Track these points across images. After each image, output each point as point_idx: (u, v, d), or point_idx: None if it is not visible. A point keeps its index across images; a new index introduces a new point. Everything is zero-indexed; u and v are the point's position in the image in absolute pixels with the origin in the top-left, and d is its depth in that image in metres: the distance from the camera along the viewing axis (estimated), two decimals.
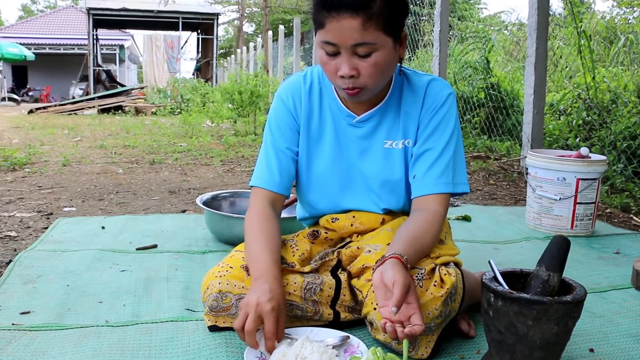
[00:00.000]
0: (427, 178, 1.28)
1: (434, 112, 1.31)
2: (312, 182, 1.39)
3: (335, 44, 1.14)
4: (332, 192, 1.38)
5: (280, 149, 1.36)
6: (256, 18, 29.96)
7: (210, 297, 1.23)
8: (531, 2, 3.50)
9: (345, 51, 1.15)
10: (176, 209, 2.72)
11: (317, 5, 1.15)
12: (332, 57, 1.17)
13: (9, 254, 1.92)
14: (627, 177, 3.30)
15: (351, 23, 1.11)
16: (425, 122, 1.31)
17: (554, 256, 1.10)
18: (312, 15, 1.19)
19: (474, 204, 2.92)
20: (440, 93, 1.31)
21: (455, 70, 5.92)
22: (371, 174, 1.34)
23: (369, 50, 1.14)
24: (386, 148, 1.33)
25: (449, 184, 1.29)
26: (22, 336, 1.26)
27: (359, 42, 1.13)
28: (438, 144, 1.30)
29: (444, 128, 1.30)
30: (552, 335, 1.03)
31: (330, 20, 1.13)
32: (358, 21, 1.11)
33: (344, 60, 1.16)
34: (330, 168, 1.36)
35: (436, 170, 1.28)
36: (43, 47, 23.02)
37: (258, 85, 7.32)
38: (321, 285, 1.27)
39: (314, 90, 1.37)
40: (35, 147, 5.19)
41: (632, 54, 5.32)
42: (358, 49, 1.14)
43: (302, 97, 1.36)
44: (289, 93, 1.38)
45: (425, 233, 1.22)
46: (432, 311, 1.13)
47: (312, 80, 1.38)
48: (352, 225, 1.38)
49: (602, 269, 1.85)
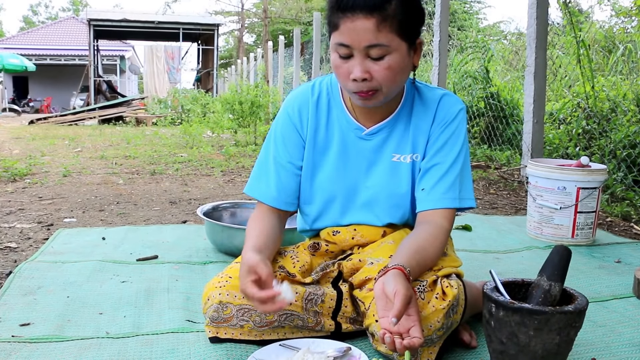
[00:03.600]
0: (434, 192, 1.27)
1: (445, 126, 1.30)
2: (314, 193, 1.37)
3: (349, 45, 1.14)
4: (334, 205, 1.37)
5: (281, 163, 1.35)
6: (256, 28, 30.11)
7: (211, 308, 1.23)
8: (530, 12, 3.52)
9: (359, 53, 1.14)
10: (177, 220, 2.72)
11: (332, 6, 1.16)
12: (345, 60, 1.16)
13: (9, 265, 1.92)
14: (627, 185, 3.30)
15: (365, 24, 1.11)
16: (435, 137, 1.30)
17: (555, 266, 1.10)
18: (327, 17, 1.19)
19: (474, 214, 2.91)
20: (452, 108, 1.31)
21: (455, 80, 5.94)
22: (376, 188, 1.33)
23: (382, 53, 1.14)
24: (394, 162, 1.32)
25: (455, 199, 1.28)
26: (22, 348, 1.26)
27: (373, 44, 1.12)
28: (447, 158, 1.29)
29: (454, 143, 1.30)
30: (554, 345, 1.03)
31: (345, 21, 1.13)
32: (372, 22, 1.11)
33: (356, 62, 1.15)
34: (334, 180, 1.35)
35: (443, 185, 1.28)
36: (44, 58, 23.13)
37: (258, 96, 7.34)
38: (322, 297, 1.26)
39: (322, 101, 1.35)
40: (36, 158, 5.20)
41: (630, 63, 5.34)
42: (371, 50, 1.13)
43: (310, 109, 1.35)
44: (296, 106, 1.36)
45: (429, 246, 1.21)
46: (434, 323, 1.12)
47: (321, 91, 1.36)
48: (353, 238, 1.38)
49: (603, 278, 1.85)
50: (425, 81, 6.25)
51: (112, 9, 33.42)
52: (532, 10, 3.49)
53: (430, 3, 7.12)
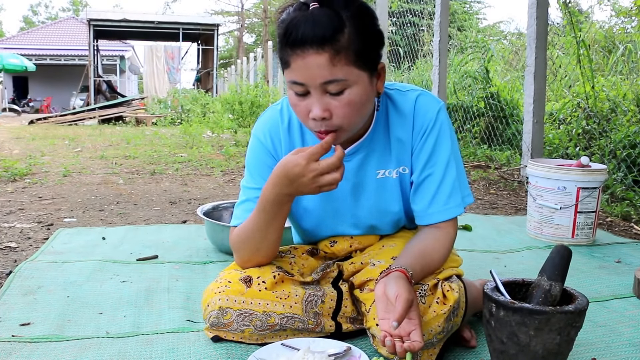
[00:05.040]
0: (435, 205, 1.22)
1: (427, 134, 1.22)
2: (302, 219, 1.36)
3: (303, 83, 1.05)
4: (324, 226, 1.35)
5: None
6: (256, 29, 30.13)
7: (212, 315, 1.22)
8: (530, 12, 3.52)
9: (315, 90, 1.05)
10: (177, 220, 2.72)
11: (280, 43, 1.06)
12: (302, 97, 1.08)
13: (9, 265, 1.92)
14: (627, 185, 3.30)
15: (317, 59, 1.02)
16: (420, 147, 1.23)
17: (555, 265, 1.10)
18: (278, 53, 1.10)
19: (474, 214, 2.91)
20: (429, 112, 1.22)
21: (455, 80, 5.95)
22: (364, 209, 1.29)
23: (340, 88, 1.05)
24: (379, 179, 1.26)
25: (459, 206, 1.24)
26: (22, 348, 1.26)
27: (328, 80, 1.03)
28: (438, 167, 1.22)
29: (441, 148, 1.22)
30: (554, 345, 1.03)
31: (295, 59, 1.03)
32: (325, 57, 1.01)
33: (314, 100, 1.06)
34: (321, 207, 1.30)
35: (443, 195, 1.22)
36: (44, 58, 23.12)
37: (258, 96, 7.36)
38: (322, 297, 1.26)
39: (293, 127, 1.27)
40: (36, 158, 5.20)
41: (630, 63, 5.34)
42: (328, 86, 1.04)
43: (282, 137, 1.27)
44: (267, 133, 1.28)
45: (434, 251, 1.19)
46: (435, 328, 1.12)
47: (291, 116, 1.28)
48: (351, 246, 1.37)
49: (603, 278, 1.85)
50: (426, 81, 6.27)
51: (112, 9, 33.44)
52: (532, 10, 3.49)
53: (430, 3, 7.13)
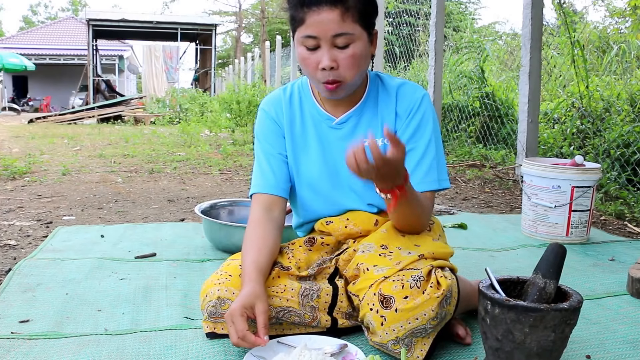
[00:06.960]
0: (414, 177, 1.32)
1: (412, 114, 1.36)
2: (303, 186, 1.43)
3: (316, 36, 1.22)
4: (323, 194, 1.42)
5: (271, 154, 1.42)
6: (254, 29, 30.09)
7: (210, 304, 1.24)
8: (525, 13, 3.54)
9: (326, 43, 1.23)
10: (175, 218, 2.72)
11: (295, 4, 1.24)
12: (312, 51, 1.25)
13: (9, 263, 1.92)
14: (621, 184, 3.32)
15: (330, 15, 1.21)
16: (405, 125, 1.37)
17: (550, 263, 1.11)
18: (290, 14, 1.27)
19: (469, 212, 2.93)
20: (414, 95, 1.38)
21: (451, 80, 5.97)
22: None
23: (347, 41, 1.23)
24: (367, 146, 1.35)
25: (435, 182, 1.35)
26: (21, 345, 1.27)
27: (339, 33, 1.21)
28: (420, 143, 1.35)
29: (424, 128, 1.36)
30: (549, 342, 1.04)
31: (311, 14, 1.22)
32: (336, 13, 1.21)
33: (324, 52, 1.23)
34: (319, 172, 1.41)
35: (422, 169, 1.34)
36: (43, 57, 23.07)
37: (256, 95, 7.36)
38: (318, 292, 1.28)
39: (294, 98, 1.44)
40: (35, 157, 5.20)
41: (624, 63, 5.37)
42: (337, 39, 1.22)
43: (284, 107, 1.43)
44: (271, 104, 1.45)
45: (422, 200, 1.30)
46: (429, 312, 1.14)
47: (292, 91, 1.45)
48: (347, 227, 1.41)
49: (597, 276, 1.87)
50: (422, 81, 6.28)
51: (111, 9, 33.40)
52: (527, 10, 3.51)
53: (426, 3, 7.14)
